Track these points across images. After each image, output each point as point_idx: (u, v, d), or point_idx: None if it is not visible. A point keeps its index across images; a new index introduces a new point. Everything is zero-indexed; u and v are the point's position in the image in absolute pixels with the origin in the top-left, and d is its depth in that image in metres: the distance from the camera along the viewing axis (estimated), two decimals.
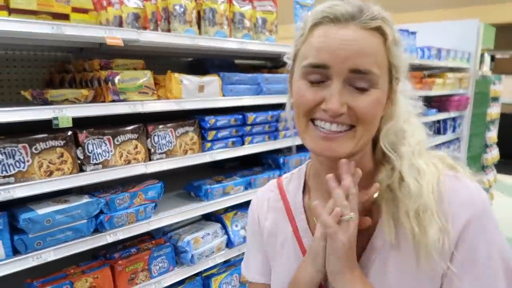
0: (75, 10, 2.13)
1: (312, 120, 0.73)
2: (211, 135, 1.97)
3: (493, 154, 5.20)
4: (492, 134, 5.27)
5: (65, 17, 2.03)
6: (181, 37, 1.76)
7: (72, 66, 1.85)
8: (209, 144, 1.97)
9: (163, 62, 2.38)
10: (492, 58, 5.65)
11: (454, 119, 4.61)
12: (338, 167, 0.75)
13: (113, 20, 2.04)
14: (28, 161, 1.41)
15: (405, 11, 6.98)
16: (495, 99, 5.27)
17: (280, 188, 0.95)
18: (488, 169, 5.13)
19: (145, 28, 1.96)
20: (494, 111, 5.23)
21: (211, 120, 1.95)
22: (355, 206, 0.72)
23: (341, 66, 0.68)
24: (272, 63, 2.96)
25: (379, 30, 0.69)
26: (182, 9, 1.84)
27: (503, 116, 5.96)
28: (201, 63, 2.40)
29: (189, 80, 1.84)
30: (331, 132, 0.71)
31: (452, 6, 6.61)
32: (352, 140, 0.72)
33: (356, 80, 0.69)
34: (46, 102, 1.53)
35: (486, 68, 5.19)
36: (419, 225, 0.69)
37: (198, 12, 1.95)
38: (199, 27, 1.94)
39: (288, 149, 2.49)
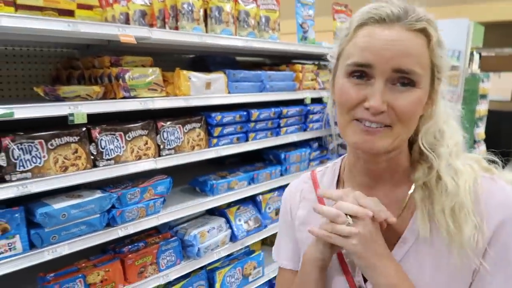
0: (80, 6, 2.13)
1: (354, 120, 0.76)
2: (217, 131, 2.01)
3: (481, 150, 5.34)
4: (480, 131, 5.42)
5: (70, 13, 2.04)
6: (190, 35, 1.80)
7: (80, 63, 1.87)
8: (215, 140, 2.02)
9: (165, 59, 2.41)
10: (479, 56, 5.79)
11: None
12: (375, 161, 0.80)
13: (119, 17, 2.05)
14: (44, 156, 1.43)
15: None
16: (483, 96, 5.41)
17: (314, 180, 0.97)
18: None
19: (151, 25, 1.98)
20: (482, 108, 5.37)
21: (217, 116, 2.00)
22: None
23: (384, 65, 0.70)
24: (272, 60, 3.01)
25: (424, 32, 0.72)
26: (190, 7, 1.87)
27: (490, 113, 6.13)
28: (203, 60, 2.43)
29: (197, 77, 1.87)
30: (372, 128, 0.74)
31: (441, 5, 6.74)
32: (390, 137, 0.74)
33: (398, 79, 0.71)
34: (58, 98, 1.55)
35: (475, 66, 5.33)
36: (454, 222, 0.72)
37: (205, 10, 1.98)
38: (206, 25, 1.97)
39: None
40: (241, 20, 2.11)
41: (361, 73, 0.73)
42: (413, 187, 0.81)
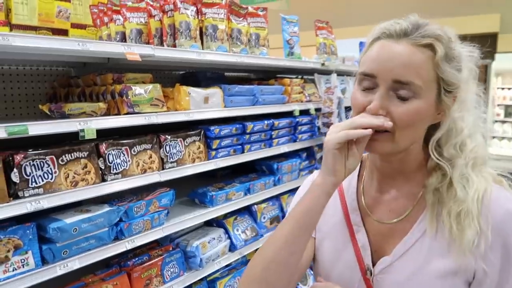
0: (74, 26, 2.17)
1: None
2: (215, 143, 2.08)
3: None
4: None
5: (64, 32, 2.07)
6: (190, 52, 1.88)
7: (81, 81, 1.90)
8: (214, 153, 2.08)
9: (158, 75, 2.47)
10: None
11: None
12: (387, 160, 0.90)
13: (115, 36, 2.11)
14: (55, 172, 1.46)
15: (369, 24, 7.41)
16: None
17: None
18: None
19: (148, 43, 2.05)
20: None
21: (215, 129, 2.07)
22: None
23: (385, 76, 0.80)
24: (257, 75, 3.12)
25: (430, 47, 0.79)
26: (187, 26, 1.95)
27: None
28: (193, 75, 2.50)
29: (196, 92, 1.94)
30: (373, 133, 0.81)
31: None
32: (390, 142, 0.82)
33: (398, 90, 0.80)
34: (63, 115, 1.59)
35: None
36: (458, 225, 0.79)
37: (200, 28, 2.07)
38: (202, 43, 2.06)
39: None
40: (234, 37, 2.21)
41: (368, 82, 0.83)
42: (426, 189, 0.88)
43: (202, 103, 1.99)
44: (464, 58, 0.85)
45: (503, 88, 7.94)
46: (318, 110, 2.86)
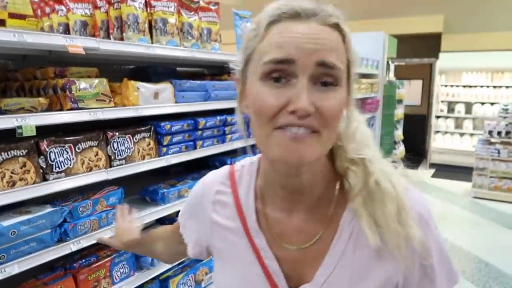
0: (12, 16, 2.05)
1: (276, 129, 0.65)
2: (166, 140, 2.04)
3: (401, 150, 5.90)
4: (399, 132, 5.99)
5: (1, 22, 1.95)
6: (138, 46, 1.82)
7: (19, 74, 1.79)
8: (164, 149, 2.04)
9: (105, 70, 2.37)
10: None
11: (368, 120, 5.17)
12: (297, 173, 0.71)
13: (57, 27, 2.00)
14: None
15: None
16: (400, 101, 5.99)
17: (232, 182, 0.87)
18: (398, 163, 5.81)
19: (94, 35, 1.96)
20: (399, 112, 5.94)
21: (166, 125, 2.02)
22: None
23: (307, 59, 0.62)
24: (210, 70, 3.09)
25: (337, 27, 0.66)
26: (135, 19, 1.89)
27: (405, 117, 6.79)
28: (143, 70, 2.43)
29: (145, 87, 1.89)
30: (300, 134, 0.63)
31: (360, 18, 7.35)
32: (320, 143, 0.65)
33: (323, 76, 0.64)
34: None
35: (391, 75, 5.89)
36: (399, 225, 0.70)
37: (150, 22, 2.01)
38: (151, 36, 2.00)
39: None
40: (185, 31, 2.17)
41: (279, 73, 0.64)
42: (349, 195, 0.75)
43: (152, 99, 1.94)
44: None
45: (446, 86, 8.41)
46: None
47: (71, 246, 1.62)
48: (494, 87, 7.95)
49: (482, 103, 8.04)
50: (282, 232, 0.78)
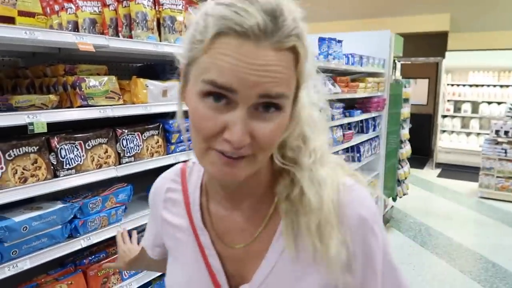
0: (21, 13, 2.06)
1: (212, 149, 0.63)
2: (175, 137, 2.05)
3: (407, 149, 5.87)
4: (405, 132, 5.95)
5: (10, 20, 1.96)
6: (147, 44, 1.83)
7: (29, 72, 1.81)
8: (173, 147, 2.05)
9: (113, 67, 2.38)
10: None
11: (374, 118, 5.14)
12: (234, 184, 0.72)
13: (66, 25, 2.01)
14: (2, 168, 1.38)
15: (325, 21, 7.56)
16: (406, 100, 5.96)
17: (183, 180, 0.86)
18: (403, 163, 5.78)
19: (103, 33, 1.97)
20: (405, 111, 5.90)
21: (175, 123, 2.03)
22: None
23: (249, 92, 0.58)
24: None
25: (293, 50, 0.61)
26: (144, 17, 1.90)
27: (411, 116, 6.76)
28: (152, 68, 2.44)
29: (154, 85, 1.90)
30: (233, 159, 0.62)
31: (367, 17, 7.34)
32: (253, 164, 0.64)
33: (262, 105, 0.60)
34: (10, 108, 1.50)
35: (398, 73, 5.86)
36: (321, 239, 0.67)
37: (158, 20, 2.02)
38: (159, 34, 2.01)
39: None
40: None
41: (219, 95, 0.60)
42: (276, 199, 0.74)
43: (161, 96, 1.95)
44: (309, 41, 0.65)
45: (452, 85, 8.38)
46: None
47: (81, 242, 1.63)
48: (501, 86, 7.90)
49: (489, 103, 8.00)
50: (225, 230, 0.78)
